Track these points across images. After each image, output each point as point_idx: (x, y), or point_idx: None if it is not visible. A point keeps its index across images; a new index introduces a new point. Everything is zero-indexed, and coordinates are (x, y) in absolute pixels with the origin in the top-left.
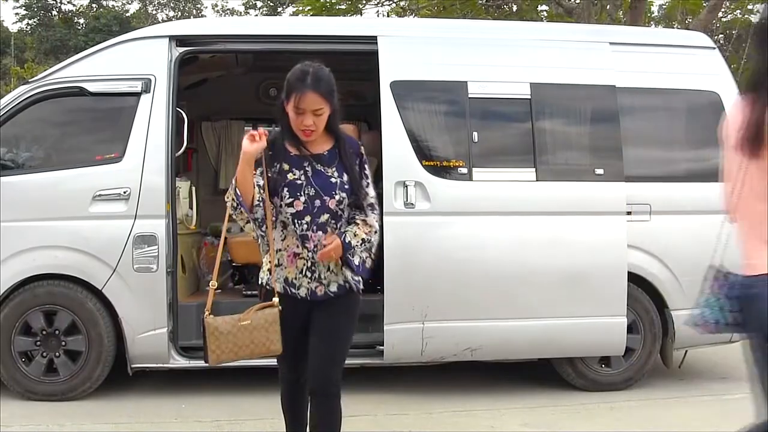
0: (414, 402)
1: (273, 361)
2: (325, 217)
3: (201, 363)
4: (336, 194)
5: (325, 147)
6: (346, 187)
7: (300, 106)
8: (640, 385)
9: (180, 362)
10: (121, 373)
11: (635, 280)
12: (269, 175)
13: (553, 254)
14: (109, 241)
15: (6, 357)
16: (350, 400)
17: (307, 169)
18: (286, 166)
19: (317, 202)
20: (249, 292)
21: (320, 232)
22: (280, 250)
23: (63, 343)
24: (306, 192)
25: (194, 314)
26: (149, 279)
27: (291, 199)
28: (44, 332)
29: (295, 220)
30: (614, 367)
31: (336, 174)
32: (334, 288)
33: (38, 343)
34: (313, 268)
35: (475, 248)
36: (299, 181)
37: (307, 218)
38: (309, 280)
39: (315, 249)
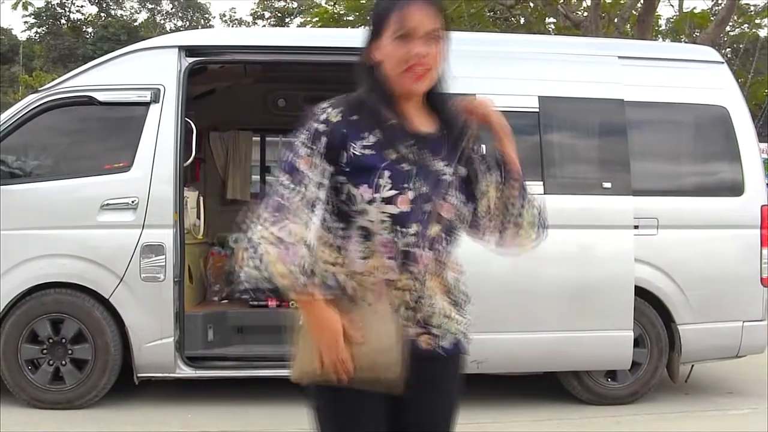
0: None
1: (277, 372)
2: (435, 229)
3: (207, 373)
4: (449, 197)
5: (429, 125)
6: (465, 188)
7: (407, 25)
8: (646, 399)
9: (186, 372)
10: (127, 382)
11: (642, 293)
12: (350, 153)
13: (560, 267)
14: (116, 250)
15: (12, 364)
16: None
17: (414, 150)
18: (384, 138)
19: (426, 206)
20: (255, 303)
21: (429, 252)
22: (359, 273)
23: (69, 352)
24: (416, 185)
25: (201, 324)
26: (156, 288)
27: (393, 192)
28: (51, 340)
29: (398, 227)
30: (620, 381)
31: (449, 168)
32: (446, 343)
33: (45, 351)
34: (419, 303)
35: (481, 261)
36: (406, 167)
37: (415, 227)
38: (410, 324)
39: (423, 277)
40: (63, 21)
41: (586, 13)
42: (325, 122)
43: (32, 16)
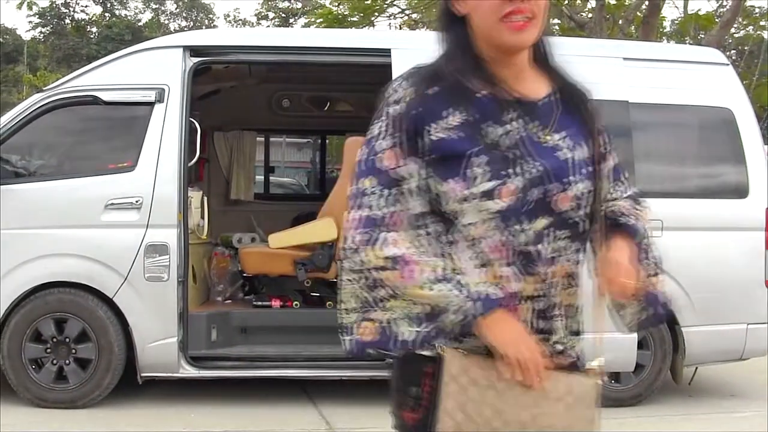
0: None
1: (280, 372)
2: (542, 222)
3: (210, 373)
4: (573, 183)
5: (540, 89)
6: (590, 169)
7: None
8: (650, 401)
9: (189, 372)
10: (131, 382)
11: None
12: (428, 138)
13: None
14: (120, 249)
15: (16, 364)
16: (361, 413)
17: (514, 126)
18: (472, 116)
19: (534, 193)
20: (259, 303)
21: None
22: None
23: (73, 351)
24: (522, 170)
25: (204, 324)
26: (160, 288)
27: (493, 183)
28: (54, 339)
29: (506, 225)
30: (624, 383)
31: (567, 142)
32: (574, 355)
33: (48, 350)
34: (550, 313)
35: None
36: (507, 150)
37: (519, 225)
38: (545, 339)
39: (551, 279)
40: (67, 21)
41: (590, 15)
42: (398, 101)
43: (36, 16)
